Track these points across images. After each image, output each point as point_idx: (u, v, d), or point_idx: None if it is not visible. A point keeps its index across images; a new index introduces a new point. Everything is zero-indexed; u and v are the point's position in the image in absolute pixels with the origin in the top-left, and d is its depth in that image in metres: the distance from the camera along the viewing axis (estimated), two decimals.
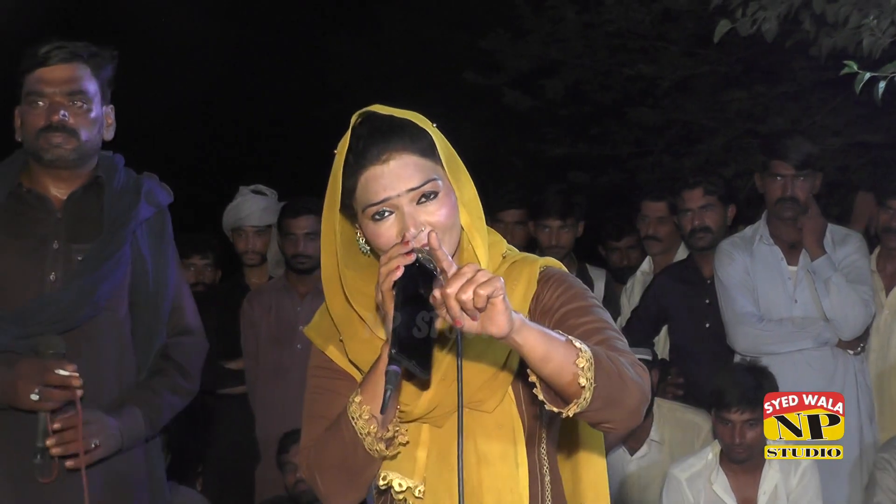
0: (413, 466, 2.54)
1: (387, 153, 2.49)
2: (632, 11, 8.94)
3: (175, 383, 3.92)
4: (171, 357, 3.92)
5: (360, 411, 2.47)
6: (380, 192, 2.48)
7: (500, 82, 9.65)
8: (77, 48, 3.79)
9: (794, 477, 5.09)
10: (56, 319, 3.68)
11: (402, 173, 2.48)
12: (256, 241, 6.70)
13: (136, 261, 3.83)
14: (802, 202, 5.64)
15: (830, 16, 5.30)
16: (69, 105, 3.74)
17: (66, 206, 3.79)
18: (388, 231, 2.48)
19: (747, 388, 5.02)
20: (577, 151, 9.55)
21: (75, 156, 3.77)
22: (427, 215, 2.48)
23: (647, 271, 6.70)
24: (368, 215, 2.50)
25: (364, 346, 2.56)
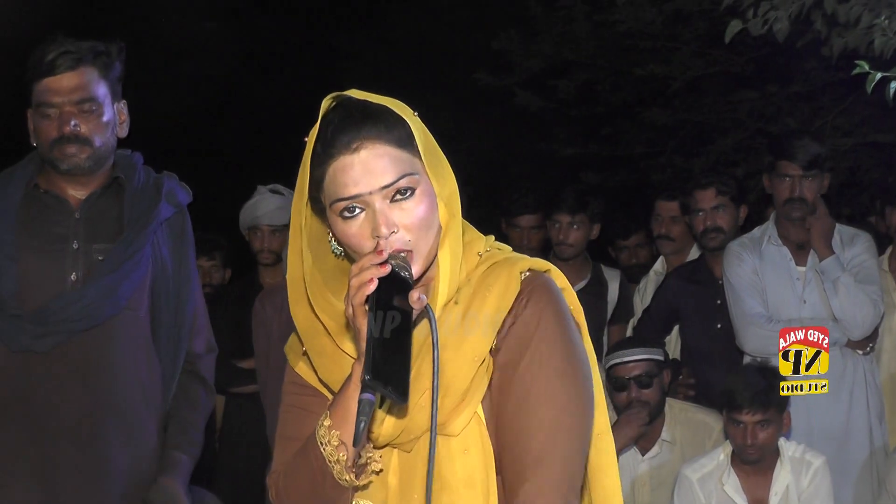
0: (385, 494, 2.31)
1: (358, 141, 2.23)
2: (643, 12, 8.94)
3: (203, 404, 3.95)
4: (200, 373, 3.95)
5: (329, 436, 2.24)
6: (349, 187, 2.23)
7: (512, 82, 9.66)
8: (82, 51, 3.76)
9: (806, 477, 5.08)
10: (77, 318, 3.68)
11: (375, 166, 2.23)
12: (273, 241, 6.71)
13: (157, 261, 3.83)
14: (810, 202, 5.63)
15: (842, 16, 5.30)
16: (79, 113, 3.73)
17: (84, 207, 3.79)
18: (360, 230, 2.24)
19: (759, 389, 5.01)
20: (588, 152, 9.56)
21: (91, 163, 3.76)
22: (401, 214, 2.24)
23: (660, 271, 6.69)
24: (337, 211, 2.25)
25: (331, 362, 2.34)
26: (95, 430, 3.70)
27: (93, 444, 3.70)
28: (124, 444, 3.74)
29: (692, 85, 9.32)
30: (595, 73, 9.67)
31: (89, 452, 3.69)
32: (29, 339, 3.67)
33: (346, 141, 2.24)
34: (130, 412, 3.76)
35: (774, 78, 8.86)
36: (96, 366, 3.70)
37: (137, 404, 3.77)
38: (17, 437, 3.69)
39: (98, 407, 3.71)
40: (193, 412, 3.91)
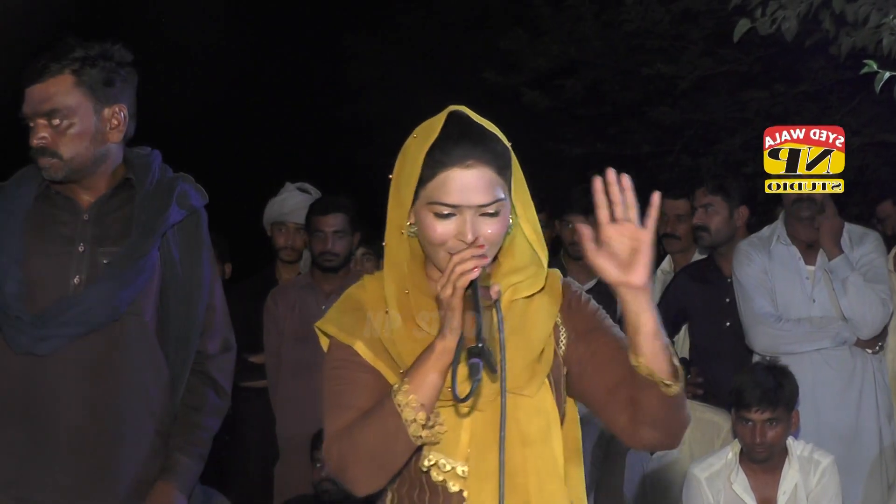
0: (456, 448, 2.64)
1: (472, 160, 2.61)
2: (651, 11, 8.94)
3: (213, 406, 3.90)
4: (210, 374, 3.89)
5: (407, 399, 2.56)
6: (453, 196, 2.60)
7: (519, 82, 9.67)
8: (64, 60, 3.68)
9: (814, 476, 5.08)
10: (74, 323, 3.64)
11: (479, 184, 2.60)
12: (297, 238, 6.71)
13: (167, 265, 3.78)
14: (819, 202, 5.63)
15: (850, 15, 5.30)
16: (47, 125, 3.65)
17: (93, 209, 3.75)
18: (446, 230, 2.61)
19: (767, 388, 5.01)
20: (595, 151, 9.56)
21: (62, 174, 3.68)
22: (484, 228, 2.61)
23: (668, 270, 6.69)
24: (432, 209, 2.62)
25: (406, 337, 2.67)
26: (95, 434, 3.66)
27: (93, 449, 3.66)
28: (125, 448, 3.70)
29: (700, 84, 9.32)
30: (602, 72, 9.68)
31: (89, 456, 3.65)
32: (30, 342, 3.64)
33: (461, 156, 2.61)
34: (132, 416, 3.72)
35: (782, 77, 8.86)
36: (97, 370, 3.66)
37: (140, 408, 3.73)
38: (17, 439, 3.68)
39: (99, 411, 3.67)
40: (200, 413, 3.87)
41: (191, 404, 3.86)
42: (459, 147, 2.61)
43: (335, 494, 5.61)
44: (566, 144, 9.69)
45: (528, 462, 2.64)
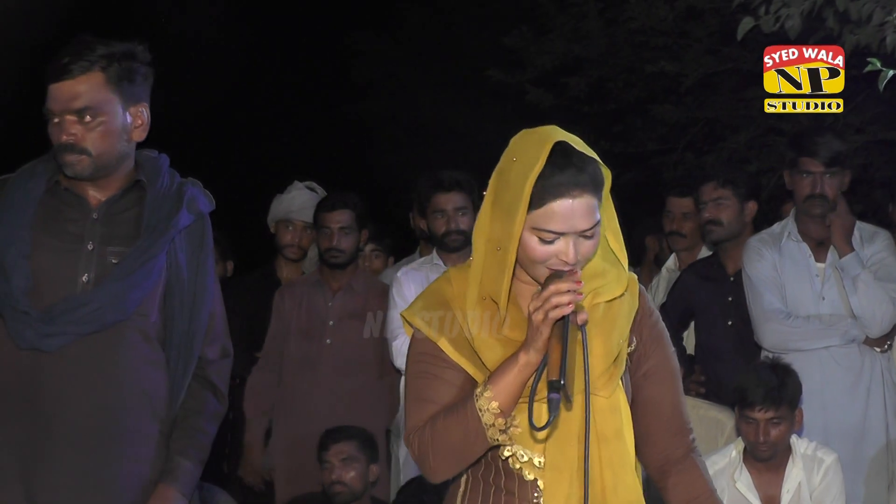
0: (534, 441, 2.86)
1: (578, 190, 2.79)
2: (655, 9, 8.94)
3: (213, 411, 3.90)
4: (210, 379, 3.90)
5: (489, 406, 2.79)
6: (560, 225, 2.79)
7: (524, 80, 9.67)
8: (92, 56, 3.69)
9: (818, 474, 5.08)
10: (83, 321, 3.65)
11: (583, 213, 2.79)
12: (303, 237, 6.72)
13: (172, 269, 3.79)
14: (831, 199, 5.62)
15: (853, 13, 5.30)
16: (78, 122, 3.67)
17: (103, 209, 3.75)
18: (549, 252, 2.81)
19: (771, 386, 5.02)
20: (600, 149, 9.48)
21: (90, 171, 3.71)
22: (582, 248, 2.82)
23: (672, 268, 6.69)
24: (537, 233, 2.81)
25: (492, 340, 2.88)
26: (96, 433, 3.67)
27: (93, 448, 3.66)
28: (126, 449, 3.70)
29: (704, 82, 9.32)
30: (607, 70, 9.67)
31: (89, 455, 3.66)
32: (36, 337, 3.64)
33: (569, 188, 2.79)
34: (133, 417, 3.72)
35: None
36: (102, 369, 3.67)
37: (141, 409, 3.73)
38: (20, 436, 3.69)
39: (101, 410, 3.67)
40: (200, 418, 3.87)
41: (192, 408, 3.86)
42: (566, 177, 2.79)
43: (346, 496, 5.62)
44: None
45: (603, 457, 2.87)
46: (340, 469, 5.62)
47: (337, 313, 6.14)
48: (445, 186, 5.85)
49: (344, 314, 6.13)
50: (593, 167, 2.85)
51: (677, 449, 3.05)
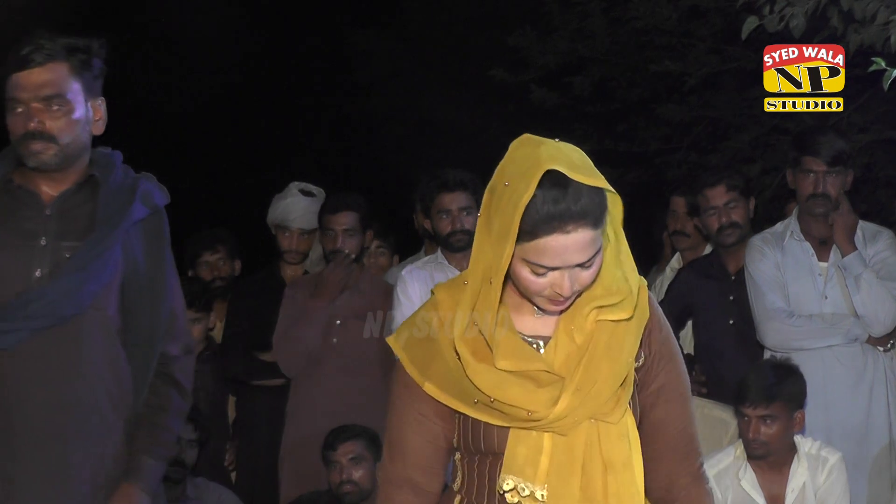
0: (535, 472, 2.68)
1: (573, 225, 2.56)
2: (659, 8, 8.94)
3: (177, 408, 3.90)
4: (173, 376, 3.89)
5: None
6: (553, 260, 2.59)
7: (528, 79, 9.66)
8: (56, 47, 3.70)
9: (822, 474, 5.09)
10: (39, 316, 3.63)
11: (578, 248, 2.58)
12: (301, 243, 6.71)
13: (129, 263, 3.77)
14: (834, 198, 5.62)
15: (858, 12, 5.30)
16: (46, 110, 3.67)
17: (56, 204, 3.74)
18: (542, 284, 2.63)
19: (765, 384, 5.02)
20: (604, 148, 9.55)
21: (57, 160, 3.71)
22: (580, 277, 2.63)
23: (677, 267, 6.69)
24: (528, 265, 2.62)
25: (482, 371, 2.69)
26: (58, 429, 3.66)
27: (55, 444, 3.66)
28: (88, 446, 3.69)
29: (708, 81, 9.32)
30: (610, 69, 9.67)
31: (51, 452, 3.65)
32: None
33: (561, 224, 2.56)
34: (95, 413, 3.71)
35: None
36: (61, 365, 3.66)
37: (103, 405, 3.72)
38: None
39: (61, 406, 3.66)
40: (164, 414, 3.86)
41: (155, 405, 3.85)
42: (558, 211, 2.56)
43: (356, 496, 5.62)
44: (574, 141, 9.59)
45: (609, 488, 2.69)
46: (349, 468, 5.62)
47: (343, 313, 6.13)
48: (450, 186, 5.84)
49: (350, 314, 6.13)
50: (592, 195, 2.59)
51: (683, 475, 2.87)
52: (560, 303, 2.66)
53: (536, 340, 2.76)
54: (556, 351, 2.70)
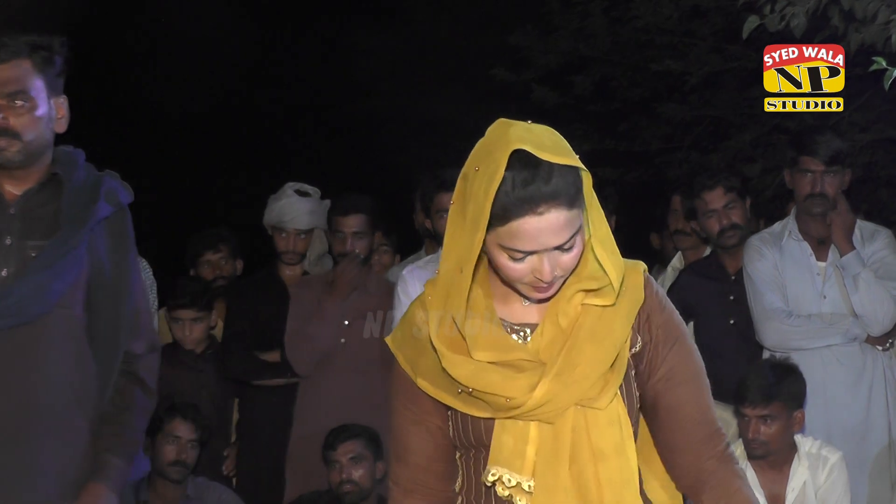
0: (522, 463, 2.60)
1: (543, 206, 2.48)
2: (660, 7, 8.95)
3: (142, 406, 3.87)
4: (138, 374, 3.86)
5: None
6: (529, 244, 2.51)
7: (529, 78, 9.67)
8: (18, 44, 3.68)
9: (823, 473, 5.09)
10: (5, 314, 3.60)
11: (553, 229, 2.50)
12: (298, 243, 6.70)
13: (94, 261, 3.74)
14: (832, 198, 5.63)
15: (859, 12, 5.30)
16: (9, 107, 3.65)
17: (20, 203, 3.71)
18: (522, 269, 2.55)
19: (764, 384, 5.02)
20: (605, 147, 9.57)
21: (21, 157, 3.68)
22: (561, 261, 2.55)
23: (678, 267, 6.69)
24: (505, 251, 2.54)
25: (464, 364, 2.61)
26: (23, 429, 3.63)
27: (19, 444, 3.62)
28: (53, 445, 3.67)
29: (709, 81, 9.32)
30: (612, 68, 9.68)
31: (15, 452, 3.61)
32: None
33: (532, 205, 2.48)
34: (60, 412, 3.68)
35: None
36: (26, 364, 3.63)
37: (69, 404, 3.69)
38: None
39: (26, 406, 3.63)
40: (129, 413, 3.82)
41: (120, 404, 3.81)
42: (528, 193, 2.48)
43: (356, 495, 5.62)
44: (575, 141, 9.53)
45: (601, 475, 2.60)
46: (349, 468, 5.62)
47: (352, 313, 6.14)
48: (448, 185, 5.84)
49: (358, 314, 6.13)
50: (564, 174, 2.50)
51: (708, 459, 2.72)
52: (543, 289, 2.58)
53: (523, 328, 2.69)
54: (542, 337, 2.62)
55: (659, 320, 2.73)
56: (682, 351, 2.76)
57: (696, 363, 2.80)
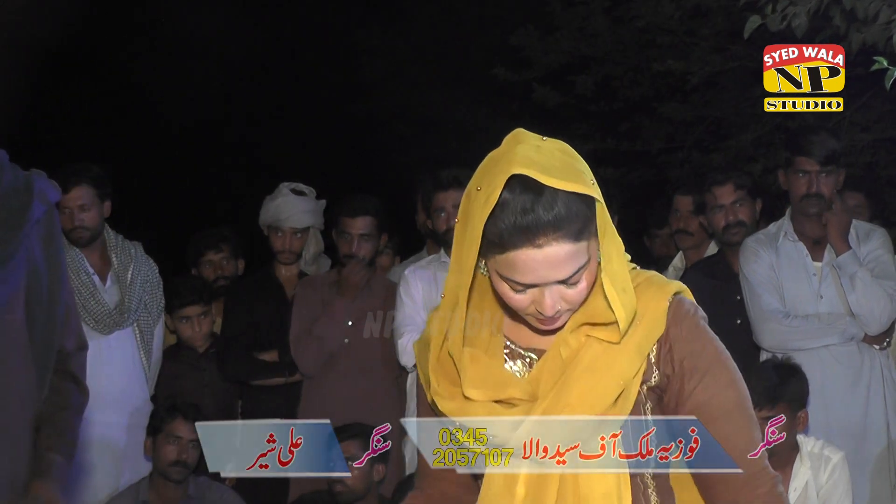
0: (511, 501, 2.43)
1: (543, 238, 2.28)
2: (661, 7, 8.95)
3: (78, 404, 3.83)
4: (71, 372, 3.83)
5: None
6: (527, 276, 2.31)
7: (530, 78, 9.67)
8: None
9: (824, 473, 5.09)
10: None
11: (554, 263, 2.30)
12: (294, 242, 6.70)
13: (30, 262, 3.70)
14: (827, 198, 5.64)
15: (860, 11, 5.30)
16: None
17: None
18: (523, 300, 2.37)
19: (767, 385, 5.01)
20: (606, 147, 9.57)
21: None
22: (566, 295, 2.36)
23: (679, 266, 6.69)
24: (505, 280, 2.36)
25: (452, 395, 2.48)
26: None
27: None
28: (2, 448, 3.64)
29: (710, 80, 9.33)
30: (613, 68, 9.68)
31: None
32: None
33: (531, 236, 2.28)
34: (6, 417, 3.65)
35: None
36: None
37: (15, 409, 3.67)
38: None
39: None
40: (67, 412, 3.79)
41: (57, 404, 3.78)
42: (526, 222, 2.27)
43: (347, 496, 5.62)
44: (577, 140, 9.66)
45: None
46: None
47: (356, 314, 6.14)
48: (444, 184, 5.85)
49: (361, 314, 6.14)
50: (570, 203, 2.28)
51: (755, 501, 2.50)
52: (547, 322, 2.39)
53: (529, 354, 2.51)
54: (544, 367, 2.44)
55: (684, 351, 2.49)
56: (714, 384, 2.50)
57: (734, 398, 2.53)
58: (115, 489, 5.97)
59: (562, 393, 2.38)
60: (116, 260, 6.16)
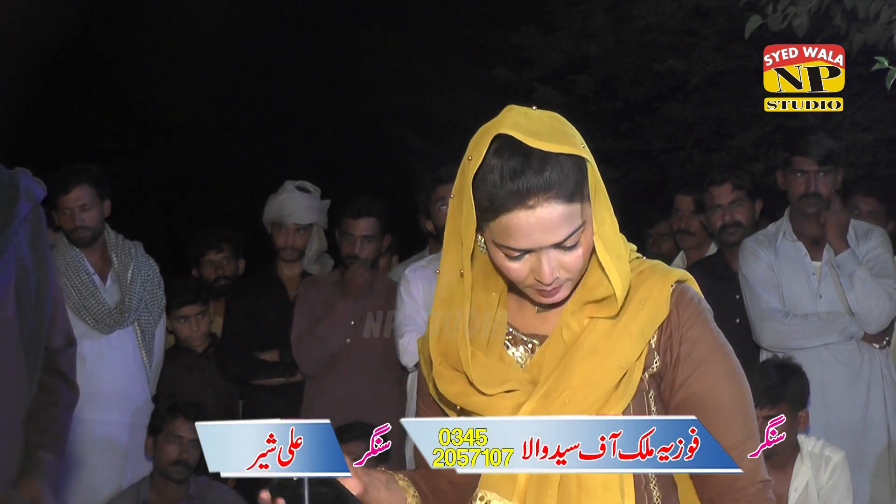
0: (512, 488, 2.39)
1: (534, 199, 2.26)
2: (662, 7, 8.95)
3: (67, 401, 3.85)
4: (60, 370, 3.84)
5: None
6: (521, 241, 2.29)
7: (531, 78, 9.67)
8: None
9: (825, 473, 5.08)
10: None
11: (548, 225, 2.27)
12: (297, 239, 6.71)
13: (18, 259, 3.72)
14: (825, 198, 5.65)
15: (861, 11, 5.30)
16: None
17: None
18: (521, 268, 2.34)
19: (768, 385, 5.01)
20: (607, 147, 9.56)
21: None
22: (564, 260, 2.32)
23: (680, 266, 6.69)
24: (501, 249, 2.33)
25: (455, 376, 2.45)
26: None
27: None
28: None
29: (711, 80, 9.33)
30: (614, 68, 9.68)
31: None
32: None
33: (521, 197, 2.26)
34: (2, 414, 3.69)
35: None
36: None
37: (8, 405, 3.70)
38: None
39: None
40: (56, 410, 3.81)
41: (46, 401, 3.79)
42: (516, 185, 2.26)
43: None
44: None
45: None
46: None
47: (358, 314, 6.15)
48: (444, 178, 5.85)
49: (363, 314, 6.14)
50: (560, 164, 2.28)
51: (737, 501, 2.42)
52: (548, 293, 2.36)
53: (532, 340, 2.47)
54: (546, 352, 2.42)
55: (683, 337, 2.44)
56: (710, 374, 2.43)
57: (730, 391, 2.46)
58: (118, 488, 5.98)
59: (563, 375, 2.36)
60: (117, 259, 6.16)
